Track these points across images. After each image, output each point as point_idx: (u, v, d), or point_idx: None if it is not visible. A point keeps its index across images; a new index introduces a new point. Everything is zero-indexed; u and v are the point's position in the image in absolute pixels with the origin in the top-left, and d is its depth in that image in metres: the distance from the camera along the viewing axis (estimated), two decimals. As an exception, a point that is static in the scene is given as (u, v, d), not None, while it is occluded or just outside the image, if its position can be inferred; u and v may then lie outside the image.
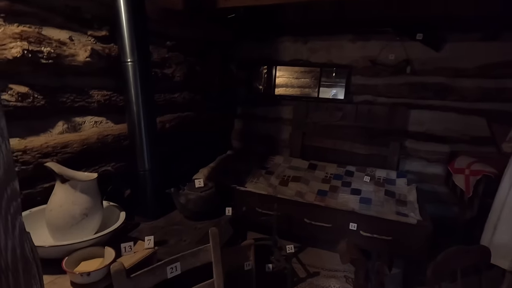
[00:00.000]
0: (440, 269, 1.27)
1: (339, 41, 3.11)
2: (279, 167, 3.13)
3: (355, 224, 2.27)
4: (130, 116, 1.74)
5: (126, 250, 1.26)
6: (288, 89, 3.95)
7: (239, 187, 2.60)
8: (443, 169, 2.94)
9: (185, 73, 2.48)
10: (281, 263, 2.26)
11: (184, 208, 1.84)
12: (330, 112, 3.24)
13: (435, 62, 2.82)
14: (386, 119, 3.03)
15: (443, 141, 2.92)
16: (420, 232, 2.12)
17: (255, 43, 3.41)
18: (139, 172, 1.81)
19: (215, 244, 1.31)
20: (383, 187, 2.69)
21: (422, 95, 2.92)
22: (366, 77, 3.08)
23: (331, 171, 3.00)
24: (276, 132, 3.54)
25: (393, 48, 2.91)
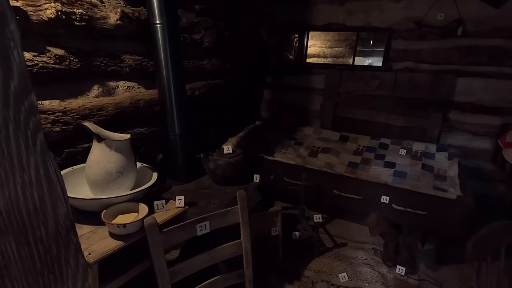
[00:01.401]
0: (482, 244, 1.17)
1: (381, 0, 2.82)
2: (308, 138, 3.05)
3: (387, 197, 2.18)
4: (160, 81, 1.75)
5: (158, 208, 1.31)
6: (320, 59, 3.75)
7: (267, 156, 2.59)
8: (491, 143, 2.67)
9: (214, 38, 2.42)
10: (308, 232, 2.26)
11: (213, 173, 1.88)
12: (365, 81, 3.03)
13: (493, 21, 2.46)
14: (429, 88, 2.77)
15: (495, 113, 2.63)
16: (460, 207, 1.98)
17: (287, 6, 3.21)
18: (170, 136, 1.85)
19: (243, 206, 1.32)
20: (421, 161, 2.52)
21: (474, 61, 2.60)
22: (409, 41, 2.79)
23: (364, 143, 2.87)
24: (307, 102, 3.41)
25: (443, 6, 2.58)
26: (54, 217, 0.26)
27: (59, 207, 0.27)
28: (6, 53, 0.24)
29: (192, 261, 1.23)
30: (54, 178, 0.27)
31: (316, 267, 2.10)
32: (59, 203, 0.27)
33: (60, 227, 0.27)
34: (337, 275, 2.01)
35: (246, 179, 1.98)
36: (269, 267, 2.03)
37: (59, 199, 0.27)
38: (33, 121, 0.24)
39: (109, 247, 1.08)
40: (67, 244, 0.28)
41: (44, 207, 0.26)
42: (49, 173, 0.26)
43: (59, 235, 0.27)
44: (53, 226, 0.26)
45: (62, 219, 0.27)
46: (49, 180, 0.26)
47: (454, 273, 2.06)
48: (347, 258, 2.20)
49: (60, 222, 0.27)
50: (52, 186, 0.26)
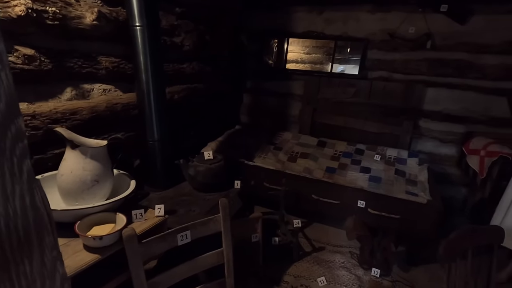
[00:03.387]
0: (452, 246, 1.25)
1: (357, 11, 2.93)
2: (288, 143, 3.09)
3: (364, 202, 2.26)
4: (139, 84, 1.70)
5: (137, 217, 1.26)
6: (299, 64, 3.82)
7: (247, 161, 2.59)
8: (456, 150, 2.86)
9: (194, 42, 2.39)
10: (288, 237, 2.28)
11: (193, 179, 1.84)
12: (342, 88, 3.13)
13: (458, 36, 2.65)
14: (401, 97, 2.92)
15: (460, 121, 2.82)
16: (430, 211, 2.09)
17: (267, 12, 3.25)
18: (148, 142, 1.79)
19: (225, 214, 1.30)
20: (394, 166, 2.64)
21: (441, 72, 2.78)
22: (383, 51, 2.93)
23: (341, 149, 2.95)
24: (286, 108, 3.46)
25: (414, 20, 2.73)
26: (40, 250, 0.24)
27: (45, 237, 0.25)
28: None
29: (173, 272, 1.19)
30: (41, 206, 0.25)
31: (295, 272, 2.12)
32: (45, 233, 0.25)
33: (46, 259, 0.25)
34: (316, 279, 2.04)
35: (227, 185, 1.96)
36: (249, 273, 2.02)
37: (46, 228, 0.25)
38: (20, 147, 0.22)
39: (84, 261, 1.02)
40: (53, 276, 0.26)
41: (29, 239, 0.24)
42: (35, 202, 0.24)
43: (44, 268, 0.25)
44: (38, 259, 0.24)
45: (48, 250, 0.25)
46: (35, 209, 0.24)
47: (424, 273, 2.17)
48: (325, 262, 2.24)
49: (46, 254, 0.25)
50: (39, 216, 0.24)
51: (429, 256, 2.22)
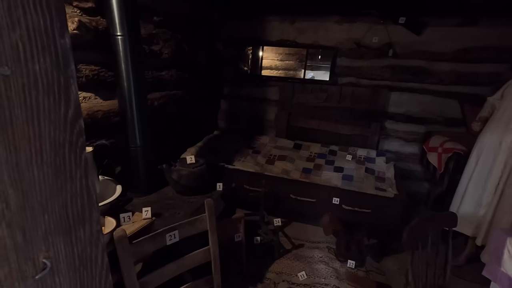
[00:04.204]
0: (414, 233, 1.41)
1: (326, 22, 3.15)
2: (265, 146, 3.21)
3: (338, 199, 2.42)
4: (121, 92, 1.73)
5: (125, 220, 1.30)
6: (273, 71, 3.97)
7: (227, 165, 2.66)
8: (418, 148, 3.14)
9: (173, 50, 2.45)
10: (269, 236, 2.38)
11: (177, 183, 1.89)
12: (315, 93, 3.32)
13: (416, 46, 2.94)
14: (369, 101, 3.16)
15: (420, 122, 3.11)
16: (397, 205, 2.29)
17: (242, 21, 3.38)
18: (130, 148, 1.82)
19: (211, 214, 1.38)
20: (364, 165, 2.85)
21: (402, 78, 3.06)
22: (351, 59, 3.17)
23: (315, 151, 3.12)
24: (262, 113, 3.59)
25: (377, 31, 2.99)
26: (90, 221, 0.31)
27: (93, 212, 0.32)
28: (68, 87, 0.29)
29: (162, 271, 1.24)
30: (92, 188, 0.32)
31: (277, 269, 2.22)
32: (93, 209, 0.32)
33: (93, 230, 0.32)
34: (297, 274, 2.15)
35: (209, 188, 2.03)
36: (233, 272, 2.09)
37: (94, 206, 0.32)
38: (81, 141, 0.29)
39: (75, 264, 1.05)
40: (97, 244, 0.33)
41: (84, 213, 0.31)
42: (88, 184, 0.31)
43: (92, 237, 0.32)
44: (88, 229, 0.31)
45: (94, 223, 0.32)
46: (88, 190, 0.31)
47: (394, 262, 2.36)
48: (304, 257, 2.36)
49: (93, 226, 0.32)
50: (90, 195, 0.31)
51: (398, 247, 2.42)
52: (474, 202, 2.15)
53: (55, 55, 0.30)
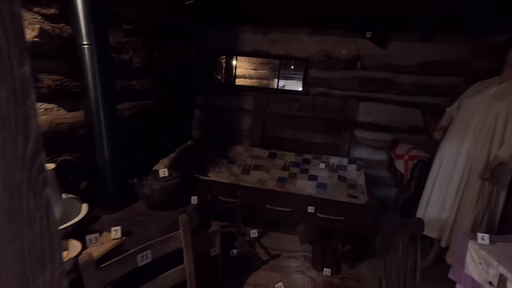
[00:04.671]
0: (386, 240, 1.46)
1: (298, 34, 3.24)
2: (240, 156, 3.20)
3: (313, 207, 2.46)
4: (88, 103, 1.63)
5: (91, 242, 1.21)
6: (247, 80, 4.00)
7: (202, 176, 2.61)
8: (386, 155, 3.29)
9: (143, 59, 2.38)
10: (245, 248, 2.35)
11: (149, 198, 1.81)
12: (288, 103, 3.38)
13: (381, 58, 3.11)
14: (339, 110, 3.28)
15: (387, 131, 3.27)
16: (368, 211, 2.38)
17: (216, 31, 3.38)
18: (98, 163, 1.71)
19: (186, 230, 1.32)
20: (336, 173, 2.93)
21: (370, 89, 3.21)
22: (322, 70, 3.28)
23: (290, 159, 3.16)
24: (237, 122, 3.58)
25: (346, 44, 3.13)
26: (52, 266, 0.28)
27: (55, 255, 0.29)
28: (27, 121, 0.26)
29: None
30: (54, 228, 0.28)
31: (254, 281, 2.18)
32: (55, 251, 0.29)
33: (55, 274, 0.29)
34: (274, 285, 2.13)
35: (183, 202, 1.97)
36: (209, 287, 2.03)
37: (56, 247, 0.29)
38: (42, 177, 0.26)
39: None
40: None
41: (44, 258, 0.27)
42: (50, 224, 0.28)
43: (53, 283, 0.28)
44: (49, 275, 0.28)
45: (57, 266, 0.29)
46: (50, 231, 0.27)
47: (368, 267, 2.43)
48: (281, 268, 2.36)
49: (55, 269, 0.28)
50: (51, 237, 0.28)
51: (370, 252, 2.50)
52: (438, 206, 2.28)
53: (12, 85, 0.27)
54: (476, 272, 1.42)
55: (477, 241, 1.44)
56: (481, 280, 1.38)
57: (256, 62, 4.03)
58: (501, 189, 2.08)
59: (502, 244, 1.44)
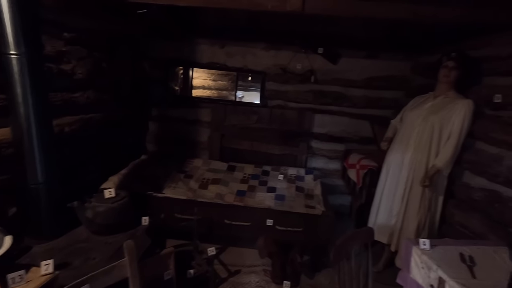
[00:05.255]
0: (339, 251, 1.49)
1: (254, 48, 3.29)
2: (198, 170, 3.11)
3: (272, 220, 2.45)
4: (16, 118, 1.45)
5: (15, 281, 1.05)
6: (206, 90, 3.94)
7: (156, 193, 2.47)
8: (341, 165, 3.44)
9: (89, 69, 2.21)
10: (203, 266, 2.25)
11: (92, 222, 1.64)
12: (247, 115, 3.39)
13: (333, 73, 3.29)
14: (296, 122, 3.37)
15: (340, 141, 3.43)
16: (325, 221, 2.44)
17: (171, 42, 3.29)
18: (29, 186, 1.52)
19: (132, 258, 1.22)
20: (294, 184, 2.98)
21: (323, 102, 3.36)
22: (278, 83, 3.35)
23: (249, 172, 3.15)
24: (195, 135, 3.49)
25: (300, 58, 3.26)
26: None
27: None
28: None
29: None
30: None
31: (213, 302, 2.09)
32: None
33: None
34: (234, 304, 2.07)
35: (133, 224, 1.83)
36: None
37: None
38: None
39: None
40: None
41: None
42: None
43: None
44: None
45: None
46: None
47: (326, 277, 2.47)
48: (241, 284, 2.30)
49: None
50: None
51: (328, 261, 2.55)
52: (387, 213, 2.42)
53: None
54: (419, 276, 1.51)
55: (420, 247, 1.54)
56: (424, 284, 1.47)
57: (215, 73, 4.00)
58: (439, 195, 2.28)
59: (441, 248, 1.56)
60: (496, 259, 1.49)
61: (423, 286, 1.49)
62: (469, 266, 1.40)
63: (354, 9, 1.85)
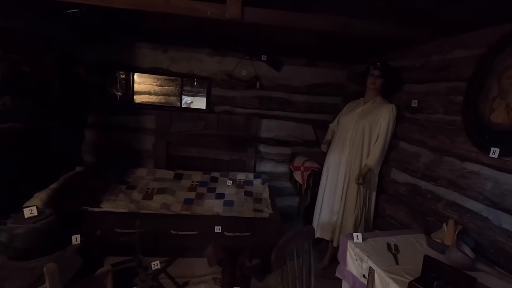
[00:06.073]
0: (281, 252, 1.54)
1: (199, 54, 3.26)
2: (142, 180, 2.95)
3: (220, 227, 2.43)
4: None
5: None
6: (152, 96, 3.77)
7: (92, 208, 2.27)
8: (288, 168, 3.57)
9: (3, 73, 1.95)
10: (147, 282, 2.13)
11: (8, 247, 1.44)
12: (193, 121, 3.33)
13: (277, 80, 3.42)
14: (244, 128, 3.41)
15: (287, 145, 3.57)
16: (272, 223, 2.50)
17: (109, 45, 3.08)
18: None
19: (53, 283, 1.10)
20: (243, 189, 3.00)
21: (269, 107, 3.47)
22: (225, 89, 3.37)
23: (197, 179, 3.09)
24: (138, 143, 3.31)
25: (245, 65, 3.32)
26: None
27: None
28: None
29: None
30: None
31: (158, 319, 1.99)
32: None
33: None
34: (181, 319, 1.99)
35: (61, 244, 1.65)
36: None
37: None
38: None
39: None
40: None
41: None
42: None
43: None
44: None
45: None
46: None
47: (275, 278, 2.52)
48: (190, 296, 2.22)
49: None
50: None
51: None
52: (329, 211, 2.57)
53: None
54: (354, 268, 1.63)
55: (354, 240, 1.67)
56: (358, 275, 1.59)
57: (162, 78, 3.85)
58: (372, 191, 2.50)
59: (372, 240, 1.71)
60: (416, 245, 1.69)
61: (357, 277, 1.61)
62: (394, 254, 1.55)
63: (289, 20, 1.96)
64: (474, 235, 1.66)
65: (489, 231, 1.58)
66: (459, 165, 1.82)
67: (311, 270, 1.75)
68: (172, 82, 3.91)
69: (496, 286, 1.32)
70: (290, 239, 1.64)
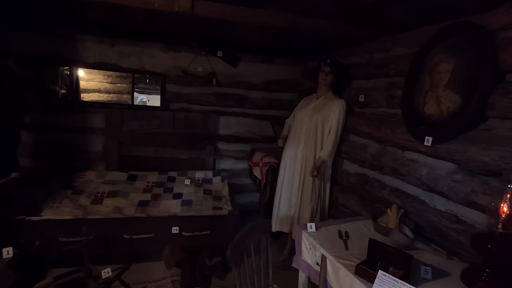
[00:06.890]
0: (237, 248, 1.53)
1: (150, 48, 3.11)
2: (91, 183, 2.74)
3: (177, 227, 2.35)
4: None
5: None
6: (102, 94, 3.51)
7: (29, 217, 2.04)
8: (247, 164, 3.58)
9: None
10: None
11: None
12: (147, 120, 3.17)
13: (234, 76, 3.39)
14: (201, 125, 3.33)
15: (246, 141, 3.57)
16: (231, 220, 2.48)
17: (43, 36, 2.78)
18: None
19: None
20: (202, 187, 2.94)
21: (227, 104, 3.43)
22: (180, 85, 3.25)
23: (153, 180, 2.95)
24: (85, 144, 3.06)
25: (201, 61, 3.24)
26: None
27: None
28: None
29: None
30: None
31: (111, 330, 1.87)
32: None
33: None
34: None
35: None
36: None
37: None
38: None
39: None
40: None
41: None
42: None
43: None
44: None
45: None
46: None
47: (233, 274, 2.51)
48: (147, 302, 2.12)
49: None
50: None
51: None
52: (287, 204, 2.63)
53: None
54: (308, 257, 1.69)
55: (308, 230, 1.72)
56: (312, 263, 1.65)
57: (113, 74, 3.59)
58: (327, 182, 2.61)
59: (325, 228, 1.78)
60: (364, 230, 1.80)
61: (311, 265, 1.66)
62: (344, 241, 1.63)
63: (240, 16, 1.94)
64: (414, 217, 1.81)
65: (426, 213, 1.74)
66: (400, 154, 1.98)
67: (269, 263, 1.77)
68: (124, 79, 3.66)
69: (430, 261, 1.45)
70: (247, 234, 1.64)
